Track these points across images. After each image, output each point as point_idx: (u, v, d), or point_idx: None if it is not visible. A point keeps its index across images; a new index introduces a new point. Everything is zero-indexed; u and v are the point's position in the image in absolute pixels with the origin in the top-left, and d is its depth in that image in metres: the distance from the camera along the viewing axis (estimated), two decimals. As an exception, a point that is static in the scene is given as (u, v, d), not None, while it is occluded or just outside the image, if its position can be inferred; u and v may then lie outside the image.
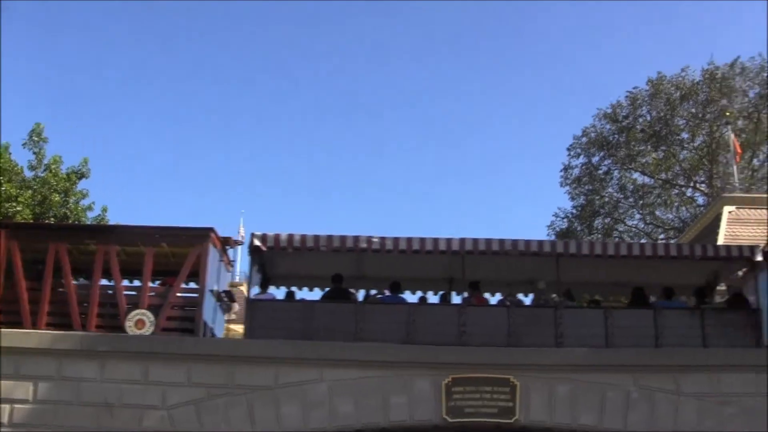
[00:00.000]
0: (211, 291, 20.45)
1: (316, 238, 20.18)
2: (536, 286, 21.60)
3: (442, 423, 18.64)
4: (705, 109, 55.27)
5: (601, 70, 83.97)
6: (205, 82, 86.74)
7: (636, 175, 58.31)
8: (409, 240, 20.29)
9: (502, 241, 20.30)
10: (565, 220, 58.60)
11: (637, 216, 58.35)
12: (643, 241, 47.39)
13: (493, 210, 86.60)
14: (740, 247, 20.88)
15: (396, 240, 20.22)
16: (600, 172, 58.39)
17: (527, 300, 22.35)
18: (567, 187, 59.38)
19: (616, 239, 53.77)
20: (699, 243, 25.80)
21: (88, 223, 35.70)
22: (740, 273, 22.12)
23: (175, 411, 18.60)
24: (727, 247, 21.08)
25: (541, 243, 20.66)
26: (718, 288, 23.59)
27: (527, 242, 20.33)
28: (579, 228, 57.39)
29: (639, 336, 19.69)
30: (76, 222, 34.86)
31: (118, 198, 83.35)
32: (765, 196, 39.58)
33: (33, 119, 59.81)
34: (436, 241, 20.32)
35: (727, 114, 50.71)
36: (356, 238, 20.21)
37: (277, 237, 20.23)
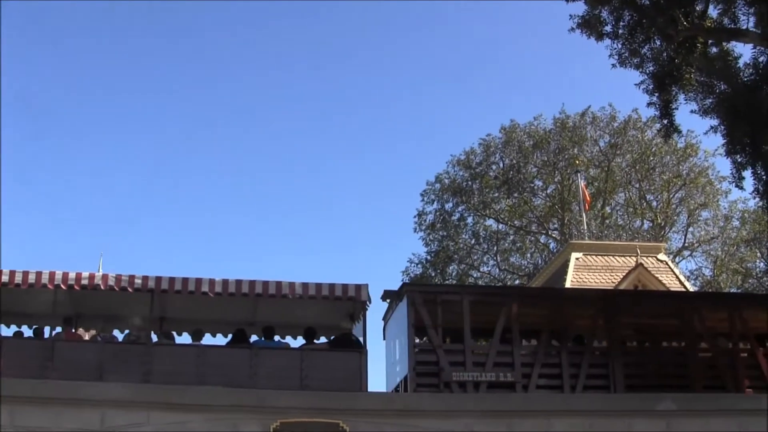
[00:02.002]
0: None
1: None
2: (131, 322, 21.09)
3: (270, 471, 18.19)
4: (557, 157, 56.16)
5: (455, 117, 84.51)
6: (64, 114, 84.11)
7: (490, 222, 58.65)
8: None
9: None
10: (419, 265, 58.59)
11: (491, 262, 58.70)
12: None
13: (350, 255, 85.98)
14: (346, 286, 20.05)
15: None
16: (454, 218, 58.68)
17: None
18: (421, 233, 59.48)
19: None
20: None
21: None
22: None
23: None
24: (332, 286, 20.04)
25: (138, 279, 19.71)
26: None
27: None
28: (433, 274, 57.49)
29: (234, 374, 19.22)
30: None
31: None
32: (610, 243, 40.30)
33: None
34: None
35: (577, 162, 51.54)
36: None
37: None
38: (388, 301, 21.50)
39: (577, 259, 34.95)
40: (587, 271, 34.45)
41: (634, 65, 23.23)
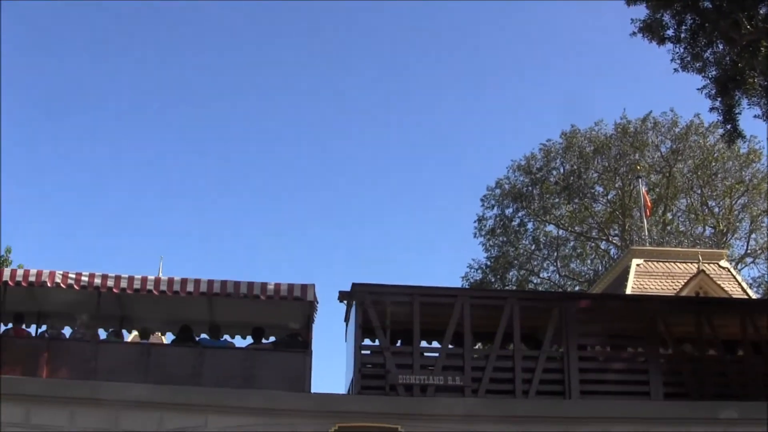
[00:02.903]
0: None
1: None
2: (80, 320, 20.79)
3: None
4: (618, 163, 55.79)
5: (515, 121, 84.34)
6: (109, 114, 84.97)
7: (550, 228, 58.46)
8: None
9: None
10: (479, 271, 58.50)
11: (552, 268, 58.48)
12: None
13: (408, 260, 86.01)
14: (292, 286, 19.96)
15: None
16: (514, 223, 58.52)
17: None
18: (481, 239, 59.36)
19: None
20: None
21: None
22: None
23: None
24: (278, 286, 19.97)
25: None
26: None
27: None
28: (493, 280, 57.38)
29: (178, 372, 19.27)
30: None
31: (23, 239, 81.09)
32: (672, 249, 39.99)
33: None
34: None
35: (639, 168, 51.18)
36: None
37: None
38: (345, 302, 21.16)
39: (638, 265, 34.74)
40: (648, 278, 34.24)
41: (697, 69, 23.00)
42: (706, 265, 33.03)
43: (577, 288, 54.98)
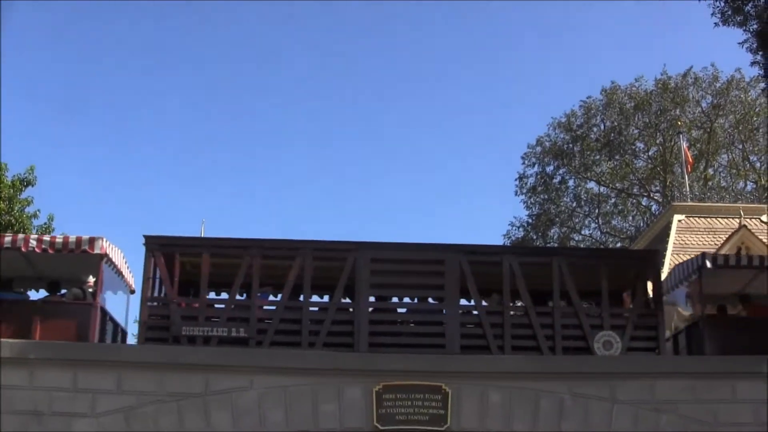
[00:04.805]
0: None
1: None
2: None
3: (373, 430, 18.42)
4: (658, 119, 55.61)
5: (555, 79, 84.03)
6: (155, 85, 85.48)
7: (591, 185, 58.49)
8: None
9: None
10: (520, 229, 58.71)
11: (593, 225, 58.54)
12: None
13: (450, 218, 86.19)
14: (80, 239, 19.73)
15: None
16: (555, 181, 58.59)
17: None
18: (522, 197, 59.51)
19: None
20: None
21: (33, 230, 35.31)
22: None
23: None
24: (65, 238, 19.86)
25: None
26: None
27: None
28: (534, 237, 57.57)
29: None
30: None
31: (65, 206, 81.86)
32: (713, 204, 39.97)
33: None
34: None
35: (680, 124, 50.98)
36: None
37: None
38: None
39: (679, 221, 34.83)
40: (690, 233, 34.32)
41: (737, 23, 22.98)
42: (747, 220, 33.02)
43: (618, 244, 55.00)
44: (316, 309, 20.04)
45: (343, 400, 18.64)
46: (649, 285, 21.03)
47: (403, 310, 20.96)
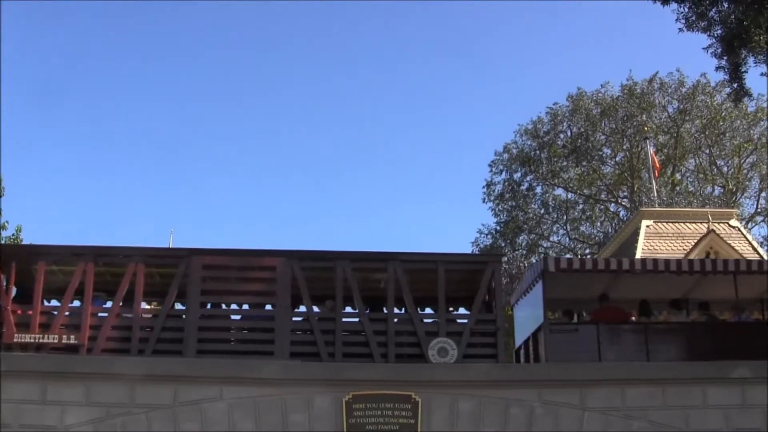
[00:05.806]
0: None
1: None
2: None
3: (343, 440, 18.40)
4: (625, 124, 55.83)
5: (521, 86, 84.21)
6: (127, 97, 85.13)
7: (559, 191, 58.62)
8: None
9: None
10: (489, 236, 58.67)
11: (561, 232, 58.62)
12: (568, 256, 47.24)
13: (420, 226, 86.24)
14: None
15: None
16: (522, 188, 58.66)
17: None
18: (490, 203, 59.51)
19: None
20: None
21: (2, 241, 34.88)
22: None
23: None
24: None
25: None
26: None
27: None
28: (503, 244, 57.53)
29: None
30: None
31: (34, 217, 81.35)
32: (681, 209, 40.04)
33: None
34: None
35: (646, 129, 51.16)
36: None
37: None
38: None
39: (647, 226, 34.89)
40: (658, 239, 34.35)
41: (702, 29, 22.88)
42: (716, 225, 33.13)
43: (587, 251, 55.09)
44: (148, 316, 20.18)
45: (313, 410, 18.52)
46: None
47: (238, 317, 21.00)
